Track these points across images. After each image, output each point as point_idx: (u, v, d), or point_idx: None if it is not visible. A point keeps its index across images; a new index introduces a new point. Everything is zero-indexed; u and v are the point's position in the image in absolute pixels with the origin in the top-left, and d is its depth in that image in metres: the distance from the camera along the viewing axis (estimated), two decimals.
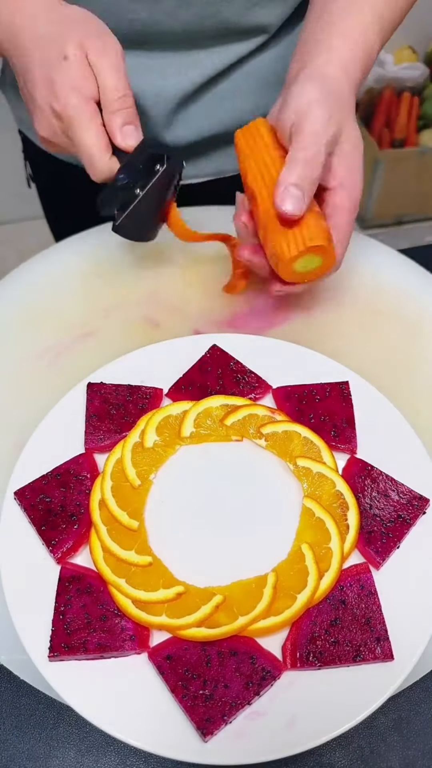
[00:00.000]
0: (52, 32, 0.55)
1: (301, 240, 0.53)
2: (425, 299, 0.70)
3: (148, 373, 0.57)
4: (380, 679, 0.42)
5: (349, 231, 0.57)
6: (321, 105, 0.53)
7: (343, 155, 0.56)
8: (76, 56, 0.54)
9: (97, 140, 0.55)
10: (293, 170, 0.52)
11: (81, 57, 0.54)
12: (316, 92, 0.54)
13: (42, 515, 0.48)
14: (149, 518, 0.49)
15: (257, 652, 0.43)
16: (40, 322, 0.67)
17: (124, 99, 0.56)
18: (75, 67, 0.54)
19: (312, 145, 0.52)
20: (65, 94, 0.54)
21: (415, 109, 2.09)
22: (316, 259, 0.55)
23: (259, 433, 0.53)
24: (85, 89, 0.54)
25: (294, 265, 0.55)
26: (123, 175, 0.56)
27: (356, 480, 0.50)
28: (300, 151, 0.52)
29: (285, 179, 0.52)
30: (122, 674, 0.43)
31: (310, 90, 0.55)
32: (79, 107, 0.54)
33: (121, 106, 0.55)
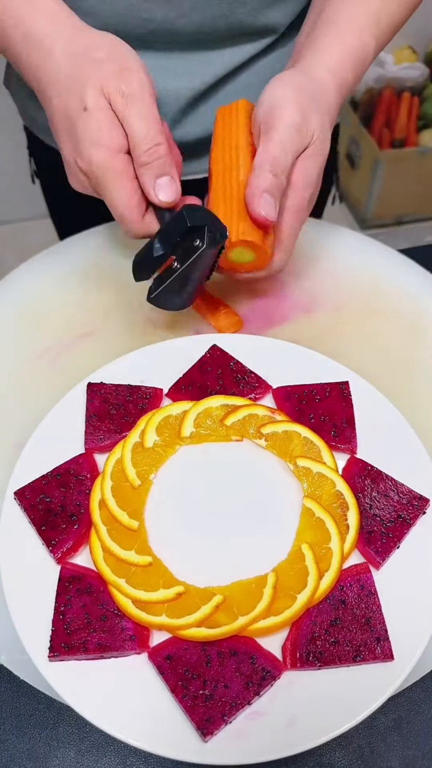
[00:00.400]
0: (71, 74, 0.51)
1: (235, 232, 0.55)
2: (425, 299, 0.70)
3: (148, 373, 0.57)
4: (380, 679, 0.42)
5: (293, 233, 0.58)
6: (295, 106, 0.53)
7: (302, 157, 0.55)
8: (97, 106, 0.50)
9: (127, 199, 0.51)
10: (264, 178, 0.53)
11: (103, 106, 0.50)
12: (291, 89, 0.54)
13: (42, 515, 0.48)
14: (149, 518, 0.49)
15: (257, 652, 0.43)
16: (40, 322, 0.67)
17: (156, 149, 0.51)
18: (96, 119, 0.50)
19: (281, 154, 0.53)
20: (88, 151, 0.50)
21: (415, 109, 2.09)
22: (248, 253, 0.56)
23: (259, 433, 0.53)
24: (109, 143, 0.50)
25: (230, 255, 0.57)
26: (159, 245, 0.53)
27: (356, 480, 0.50)
28: (267, 161, 0.53)
29: (258, 185, 0.53)
30: (122, 674, 0.43)
31: (286, 85, 0.55)
32: (105, 164, 0.50)
33: (151, 158, 0.51)
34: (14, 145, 1.01)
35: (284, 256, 0.59)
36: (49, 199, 0.99)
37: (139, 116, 0.50)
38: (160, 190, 0.52)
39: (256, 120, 0.56)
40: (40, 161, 0.91)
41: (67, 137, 0.52)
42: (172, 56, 0.69)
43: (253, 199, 0.53)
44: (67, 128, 0.51)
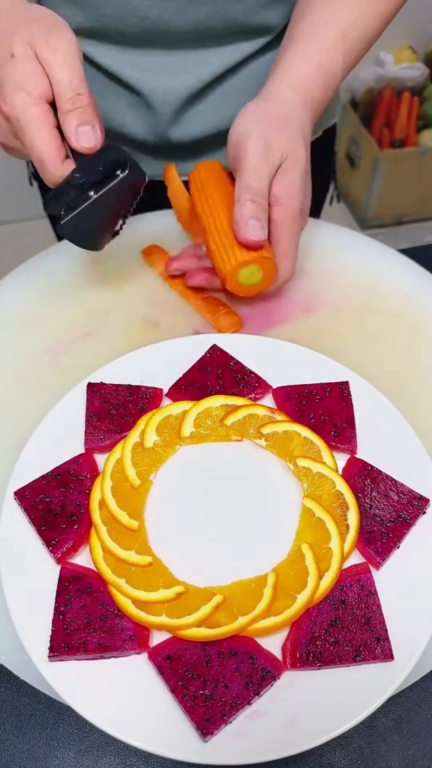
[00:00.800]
0: (4, 30, 0.52)
1: (239, 254, 0.58)
2: (425, 299, 0.70)
3: (148, 373, 0.57)
4: (380, 679, 0.42)
5: (292, 243, 0.61)
6: (257, 135, 0.57)
7: (278, 174, 0.58)
8: (23, 54, 0.51)
9: (48, 143, 0.52)
10: (245, 207, 0.57)
11: (29, 53, 0.51)
12: (251, 119, 0.58)
13: (42, 515, 0.48)
14: (149, 518, 0.49)
15: (257, 652, 0.43)
16: (40, 323, 0.67)
17: (78, 98, 0.52)
18: (21, 65, 0.51)
19: (255, 182, 0.57)
20: (11, 94, 0.51)
21: (415, 109, 2.09)
22: (257, 272, 0.60)
23: (259, 433, 0.53)
24: (33, 88, 0.51)
25: (237, 277, 0.60)
26: (79, 175, 0.53)
27: (356, 480, 0.50)
28: (245, 191, 0.57)
29: (242, 215, 0.57)
30: (122, 674, 0.43)
31: (246, 117, 0.59)
32: (26, 108, 0.51)
33: (74, 105, 0.52)
34: None
35: (290, 265, 0.62)
36: None
37: (63, 65, 0.51)
38: (81, 136, 0.53)
39: (229, 159, 0.60)
40: None
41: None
42: (168, 55, 0.69)
43: (239, 228, 0.57)
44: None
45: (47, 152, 0.52)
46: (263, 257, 0.59)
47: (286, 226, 0.59)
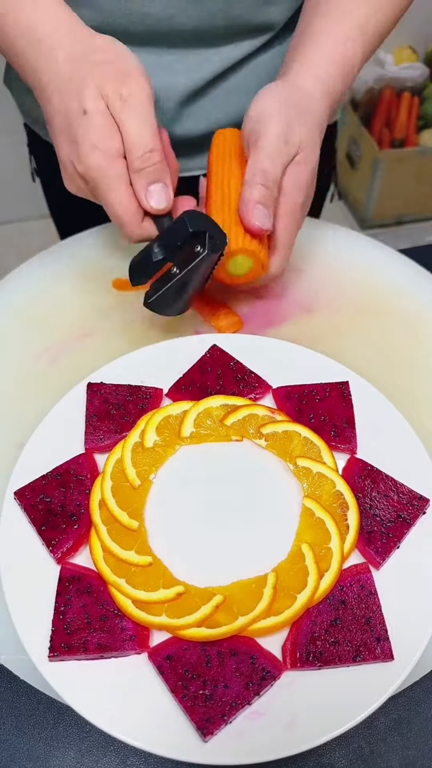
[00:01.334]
0: (72, 76, 0.50)
1: (233, 241, 0.55)
2: (425, 299, 0.70)
3: (148, 373, 0.57)
4: (380, 679, 0.42)
5: (289, 239, 0.59)
6: (280, 117, 0.55)
7: (291, 165, 0.56)
8: (96, 109, 0.49)
9: (126, 206, 0.51)
10: (256, 190, 0.54)
11: (101, 109, 0.50)
12: (276, 100, 0.56)
13: (42, 515, 0.48)
14: (149, 518, 0.49)
15: (257, 652, 0.43)
16: (39, 322, 0.67)
17: (149, 156, 0.51)
18: (96, 123, 0.49)
19: (270, 166, 0.54)
20: (86, 154, 0.50)
21: (415, 109, 2.09)
22: (246, 262, 0.57)
23: (259, 433, 0.53)
24: (108, 147, 0.50)
25: (227, 264, 0.57)
26: (158, 250, 0.52)
27: (356, 480, 0.50)
28: (258, 174, 0.54)
29: (250, 197, 0.54)
30: (122, 674, 0.43)
31: (271, 97, 0.56)
32: (103, 169, 0.50)
33: (144, 164, 0.50)
34: (14, 144, 1.01)
35: (281, 262, 0.60)
36: (50, 197, 0.99)
37: (135, 121, 0.50)
38: (151, 196, 0.52)
39: (245, 133, 0.57)
40: (41, 159, 0.91)
41: (65, 139, 0.52)
42: (170, 53, 0.69)
43: (246, 211, 0.54)
44: (66, 130, 0.51)
45: (124, 215, 0.51)
46: (258, 251, 0.57)
47: (286, 219, 0.58)
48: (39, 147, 0.88)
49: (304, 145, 0.56)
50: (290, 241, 0.59)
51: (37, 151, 0.90)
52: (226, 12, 0.66)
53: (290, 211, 0.57)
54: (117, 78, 0.50)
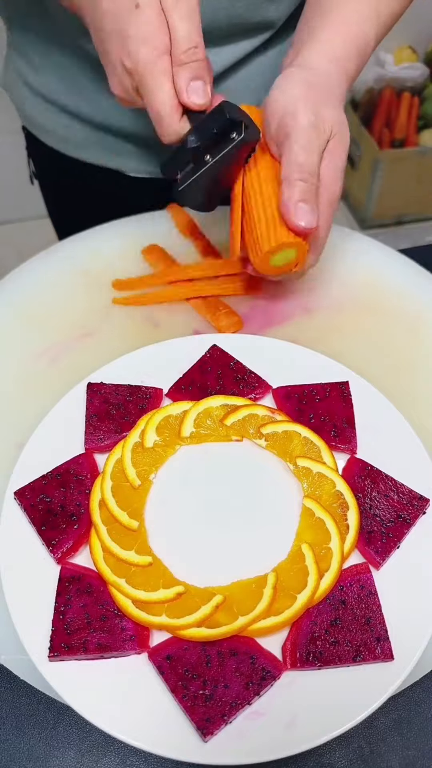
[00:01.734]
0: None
1: (275, 237, 0.55)
2: (425, 299, 0.70)
3: (148, 373, 0.57)
4: (380, 679, 0.42)
5: (326, 230, 0.57)
6: (306, 105, 0.53)
7: (325, 152, 0.55)
8: (148, 3, 0.50)
9: (168, 99, 0.51)
10: (296, 187, 0.53)
11: (154, 3, 0.50)
12: (299, 88, 0.54)
13: (42, 515, 0.48)
14: (149, 518, 0.49)
15: (257, 652, 0.43)
16: (40, 322, 0.67)
17: (194, 51, 0.51)
18: (146, 16, 0.50)
19: (306, 158, 0.53)
20: (136, 48, 0.50)
21: (415, 109, 2.09)
22: (290, 253, 0.56)
23: (259, 433, 0.53)
24: (157, 42, 0.50)
25: (270, 258, 0.56)
26: (194, 137, 0.52)
27: (356, 480, 0.50)
28: (295, 169, 0.53)
29: (291, 197, 0.53)
30: (122, 674, 0.43)
31: (293, 86, 0.55)
32: (150, 62, 0.50)
33: (189, 58, 0.51)
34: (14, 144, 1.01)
35: (318, 253, 0.59)
36: (49, 199, 0.99)
37: (186, 17, 0.50)
38: (193, 91, 0.52)
39: (270, 125, 0.56)
40: (39, 162, 0.92)
41: (115, 37, 0.52)
42: None
43: (289, 212, 0.53)
44: (116, 27, 0.51)
45: (166, 108, 0.52)
46: (303, 242, 0.55)
47: (326, 211, 0.56)
48: (37, 150, 0.88)
49: (336, 128, 0.55)
50: (327, 232, 0.58)
51: (36, 155, 0.91)
52: (229, 10, 0.66)
53: (327, 202, 0.56)
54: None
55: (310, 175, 0.53)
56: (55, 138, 0.82)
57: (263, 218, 0.56)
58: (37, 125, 0.83)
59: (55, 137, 0.82)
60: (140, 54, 0.50)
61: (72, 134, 0.80)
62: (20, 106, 0.83)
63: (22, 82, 0.80)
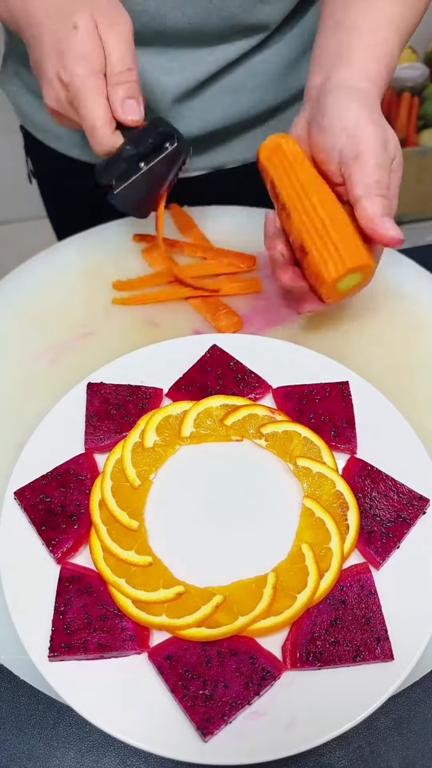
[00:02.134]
0: (64, 5, 0.55)
1: (341, 261, 0.54)
2: (425, 299, 0.69)
3: (148, 373, 0.57)
4: (380, 679, 0.42)
5: None
6: (374, 125, 0.54)
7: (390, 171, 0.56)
8: (86, 27, 0.53)
9: (101, 112, 0.54)
10: (379, 204, 0.53)
11: (91, 27, 0.54)
12: (360, 108, 0.55)
13: (42, 515, 0.48)
14: (149, 518, 0.49)
15: (257, 652, 0.43)
16: (40, 322, 0.67)
17: (129, 72, 0.55)
18: (84, 37, 0.53)
19: (383, 176, 0.54)
20: (72, 63, 0.53)
21: (415, 109, 2.09)
22: (356, 276, 0.56)
23: (259, 433, 0.53)
24: (93, 60, 0.54)
25: (337, 286, 0.55)
26: (129, 147, 0.56)
27: (356, 480, 0.50)
28: (373, 186, 0.53)
29: (375, 213, 0.53)
30: (122, 674, 0.43)
31: (353, 106, 0.55)
32: (86, 77, 0.53)
33: (124, 79, 0.54)
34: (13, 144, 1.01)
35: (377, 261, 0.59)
36: (47, 199, 0.99)
37: (120, 40, 0.54)
38: (127, 107, 0.55)
39: (334, 149, 0.56)
40: (37, 161, 0.92)
41: (53, 53, 0.55)
42: (164, 53, 0.69)
43: (375, 228, 0.54)
44: (54, 44, 0.54)
45: (100, 121, 0.54)
46: (371, 263, 0.55)
47: None
48: (36, 149, 0.88)
49: (398, 149, 0.56)
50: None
51: (34, 154, 0.91)
52: (221, 10, 0.66)
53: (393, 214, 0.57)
54: (106, 7, 0.55)
55: (387, 192, 0.54)
56: (52, 137, 0.82)
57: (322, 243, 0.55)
58: (34, 124, 0.83)
59: (53, 136, 0.82)
60: (77, 69, 0.53)
61: (70, 133, 0.80)
62: (18, 104, 0.84)
63: (20, 82, 0.80)
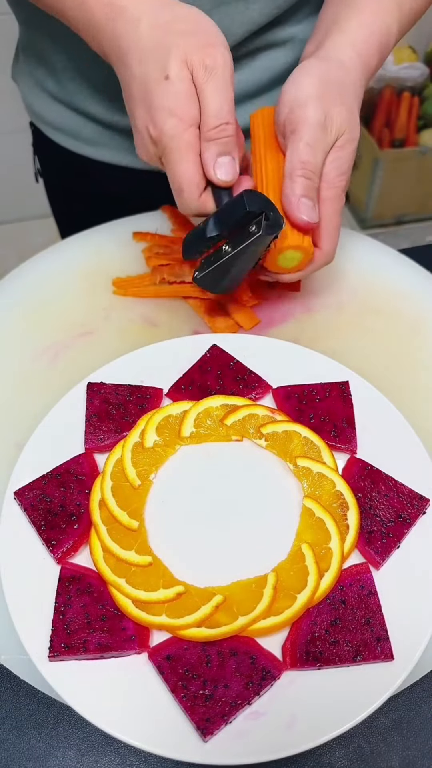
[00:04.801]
0: (156, 43, 0.50)
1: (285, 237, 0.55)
2: (425, 299, 0.69)
3: (148, 373, 0.57)
4: (380, 679, 0.42)
5: (335, 223, 0.58)
6: (317, 102, 0.53)
7: (333, 149, 0.55)
8: (179, 76, 0.49)
9: (191, 175, 0.51)
10: (298, 184, 0.53)
11: (185, 77, 0.49)
12: (313, 83, 0.54)
13: (42, 515, 0.48)
14: (149, 518, 0.49)
15: (257, 652, 0.43)
16: (40, 322, 0.67)
17: (225, 128, 0.50)
18: (176, 89, 0.49)
19: (310, 157, 0.53)
20: (162, 119, 0.50)
21: (415, 109, 2.09)
22: (295, 255, 0.57)
23: (259, 433, 0.53)
24: (184, 114, 0.50)
25: (277, 261, 0.57)
26: (213, 225, 0.52)
27: (356, 480, 0.50)
28: (299, 166, 0.53)
29: (293, 192, 0.53)
30: (122, 674, 0.43)
31: (308, 80, 0.54)
32: (176, 135, 0.50)
33: (218, 135, 0.50)
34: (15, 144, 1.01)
35: (332, 246, 0.59)
36: (53, 197, 0.99)
37: (217, 92, 0.50)
38: (219, 168, 0.51)
39: (279, 118, 0.56)
40: (45, 159, 0.91)
41: (141, 104, 0.51)
42: None
43: (291, 206, 0.53)
44: (144, 96, 0.51)
45: (188, 183, 0.51)
46: (306, 245, 0.56)
47: (330, 205, 0.56)
48: (43, 146, 0.87)
49: (344, 128, 0.55)
50: (337, 225, 0.58)
51: (42, 151, 0.90)
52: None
53: (333, 197, 0.56)
54: (202, 48, 0.50)
55: (313, 174, 0.53)
56: (65, 135, 0.82)
57: None
58: (45, 121, 0.82)
59: (65, 134, 0.81)
60: (166, 125, 0.50)
61: (84, 132, 0.79)
62: (29, 102, 0.83)
63: (32, 80, 0.79)
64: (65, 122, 0.80)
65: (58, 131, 0.82)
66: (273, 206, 0.53)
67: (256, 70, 0.72)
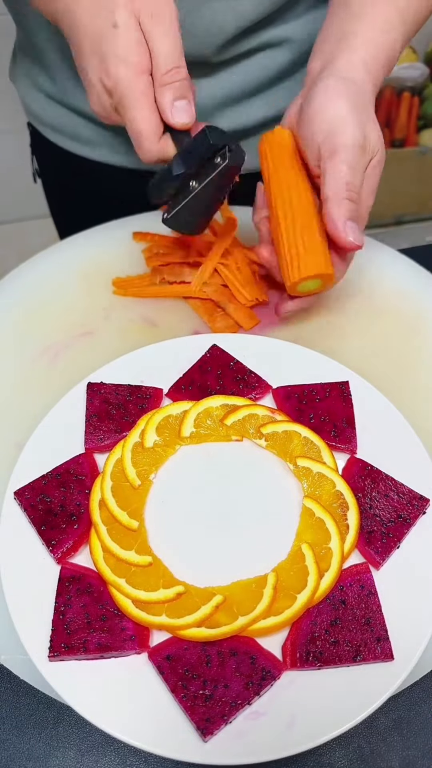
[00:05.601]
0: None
1: (299, 268, 0.57)
2: (425, 299, 0.69)
3: (148, 373, 0.57)
4: (380, 679, 0.42)
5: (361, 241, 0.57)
6: (354, 123, 0.53)
7: (368, 169, 0.56)
8: (126, 24, 0.49)
9: (148, 119, 0.51)
10: (345, 207, 0.53)
11: (132, 24, 0.50)
12: (345, 105, 0.54)
13: (42, 515, 0.48)
14: (149, 518, 0.49)
15: (257, 652, 0.43)
16: (40, 322, 0.67)
17: (177, 71, 0.51)
18: (125, 36, 0.49)
19: (354, 178, 0.53)
20: (115, 67, 0.50)
21: (415, 109, 2.09)
22: (316, 281, 0.58)
23: (259, 433, 0.53)
24: (136, 61, 0.50)
25: (298, 287, 0.59)
26: (179, 164, 0.53)
27: (356, 480, 0.50)
28: (343, 188, 0.53)
29: (340, 216, 0.53)
30: (122, 674, 0.43)
31: (339, 101, 0.54)
32: (129, 82, 0.50)
33: (171, 78, 0.50)
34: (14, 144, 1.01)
35: (346, 268, 0.59)
36: (51, 197, 0.99)
37: (166, 37, 0.50)
38: (177, 111, 0.52)
39: (313, 141, 0.55)
40: (44, 160, 0.91)
41: (93, 56, 0.51)
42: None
43: (338, 230, 0.54)
44: (94, 47, 0.51)
45: (146, 128, 0.51)
46: (328, 273, 0.57)
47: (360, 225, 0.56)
48: (41, 146, 0.88)
49: (377, 147, 0.56)
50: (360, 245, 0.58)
51: (40, 151, 0.90)
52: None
53: (363, 217, 0.57)
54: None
55: (357, 195, 0.54)
56: (63, 136, 0.82)
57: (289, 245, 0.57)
58: (43, 122, 0.82)
59: (63, 135, 0.82)
60: (119, 73, 0.50)
61: (82, 132, 0.79)
62: (27, 103, 0.83)
63: (30, 81, 0.79)
64: (63, 123, 0.80)
65: (55, 132, 0.82)
66: (235, 139, 0.54)
67: (252, 70, 0.72)
